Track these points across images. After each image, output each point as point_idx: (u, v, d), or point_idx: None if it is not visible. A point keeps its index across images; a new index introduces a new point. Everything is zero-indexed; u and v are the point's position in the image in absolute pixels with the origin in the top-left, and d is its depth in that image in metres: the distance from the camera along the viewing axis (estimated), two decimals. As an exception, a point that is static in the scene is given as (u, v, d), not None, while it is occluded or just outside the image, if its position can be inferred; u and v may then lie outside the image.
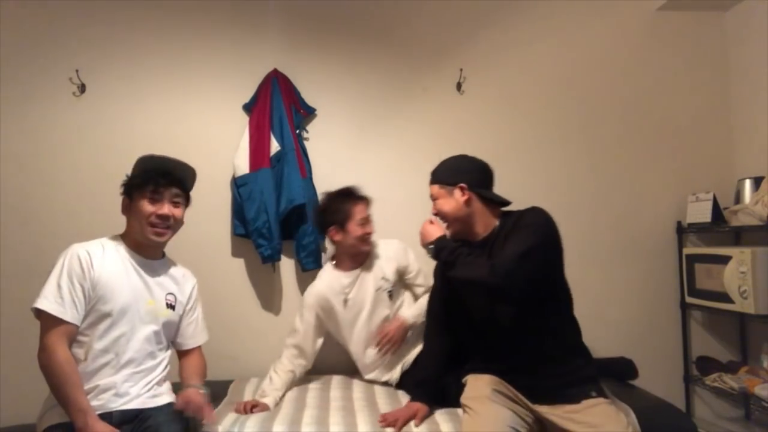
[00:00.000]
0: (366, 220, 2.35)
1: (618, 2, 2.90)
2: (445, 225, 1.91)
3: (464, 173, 1.88)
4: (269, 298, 2.74)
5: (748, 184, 2.63)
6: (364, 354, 2.38)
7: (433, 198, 1.91)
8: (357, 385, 2.36)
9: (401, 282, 2.44)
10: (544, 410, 1.73)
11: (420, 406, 1.92)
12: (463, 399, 1.81)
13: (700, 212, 2.73)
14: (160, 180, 1.80)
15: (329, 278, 2.39)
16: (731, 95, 2.92)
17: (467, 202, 1.84)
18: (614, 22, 2.90)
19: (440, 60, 2.83)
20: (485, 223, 1.86)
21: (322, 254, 2.69)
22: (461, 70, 2.82)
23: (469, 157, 1.94)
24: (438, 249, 1.83)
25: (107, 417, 1.65)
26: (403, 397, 2.17)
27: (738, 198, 2.67)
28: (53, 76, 2.64)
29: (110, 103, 2.67)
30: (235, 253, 2.71)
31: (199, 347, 1.98)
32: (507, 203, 1.91)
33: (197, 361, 1.95)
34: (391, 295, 2.37)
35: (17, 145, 2.62)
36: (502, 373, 1.82)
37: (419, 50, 2.83)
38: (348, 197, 2.36)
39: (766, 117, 2.69)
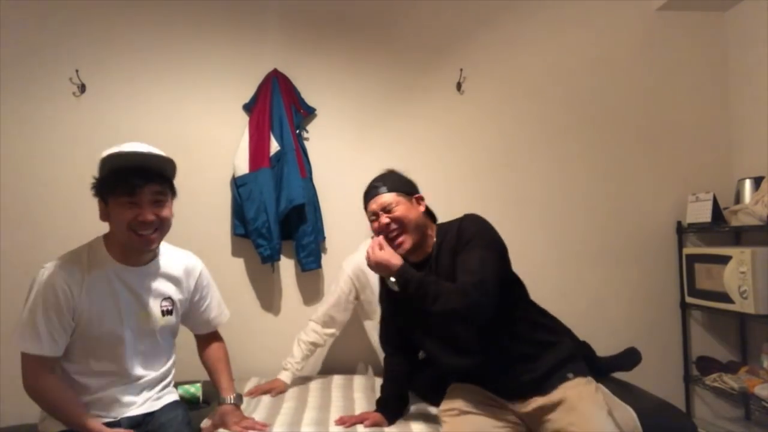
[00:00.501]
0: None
1: (618, 2, 2.90)
2: (399, 236, 1.76)
3: (413, 186, 1.89)
4: (269, 298, 2.74)
5: (748, 184, 2.63)
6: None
7: (388, 208, 1.77)
8: (357, 385, 2.36)
9: None
10: (520, 407, 1.72)
11: (376, 415, 1.88)
12: (439, 411, 1.81)
13: (700, 212, 2.73)
14: (135, 180, 1.56)
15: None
16: (731, 95, 2.92)
17: (422, 214, 1.82)
18: (614, 22, 2.90)
19: (440, 60, 2.83)
20: (430, 236, 1.83)
21: (322, 254, 2.69)
22: (461, 70, 2.82)
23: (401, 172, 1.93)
24: (404, 282, 1.66)
25: (116, 425, 1.63)
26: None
27: (738, 198, 2.67)
28: (53, 76, 2.64)
29: (110, 103, 2.67)
30: (235, 253, 2.71)
31: (217, 333, 1.97)
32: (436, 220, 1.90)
33: (219, 350, 1.93)
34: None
35: (17, 145, 2.62)
36: (476, 379, 1.81)
37: (419, 50, 2.83)
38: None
39: (766, 117, 2.69)
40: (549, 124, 2.87)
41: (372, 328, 2.38)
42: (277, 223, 2.57)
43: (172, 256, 1.79)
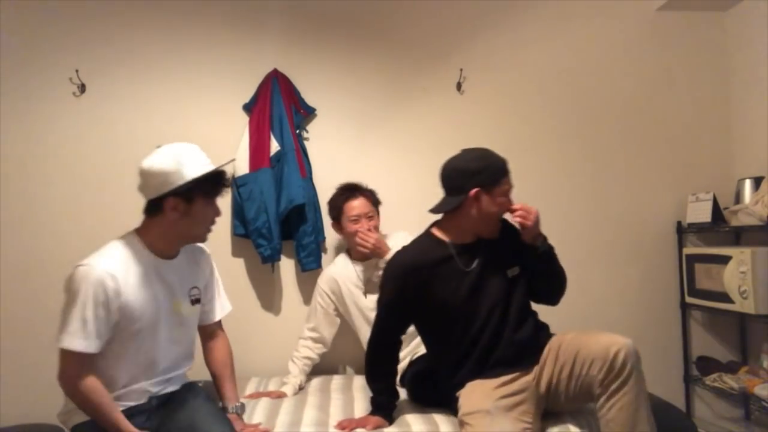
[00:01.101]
0: (360, 217, 2.37)
1: (618, 2, 2.90)
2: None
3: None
4: (269, 298, 2.74)
5: (748, 184, 2.63)
6: None
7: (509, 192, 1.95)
8: (357, 386, 2.36)
9: None
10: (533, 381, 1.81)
11: (379, 419, 1.89)
12: (461, 415, 1.76)
13: (700, 212, 2.73)
14: (225, 182, 1.76)
15: (342, 264, 2.47)
16: (731, 95, 2.92)
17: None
18: (614, 22, 2.90)
19: (440, 60, 2.83)
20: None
21: (322, 254, 2.69)
22: (461, 70, 2.82)
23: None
24: (546, 243, 1.93)
25: (145, 405, 1.69)
26: (405, 398, 2.16)
27: (738, 198, 2.67)
28: (53, 76, 2.64)
29: (110, 103, 2.67)
30: (235, 253, 2.71)
31: (220, 325, 2.00)
32: None
33: (225, 353, 1.96)
34: None
35: (17, 145, 2.62)
36: (493, 365, 1.82)
37: (419, 50, 2.83)
38: (342, 193, 2.42)
39: (766, 117, 2.69)
40: (549, 124, 2.87)
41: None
42: (277, 223, 2.57)
43: (186, 248, 1.83)
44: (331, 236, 2.73)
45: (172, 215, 1.65)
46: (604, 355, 1.67)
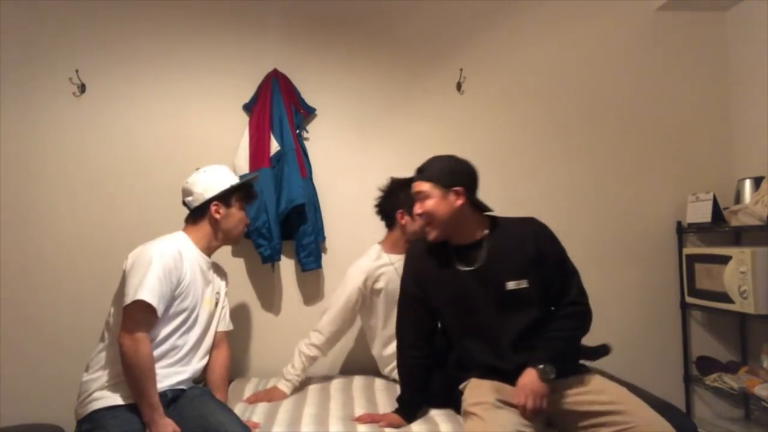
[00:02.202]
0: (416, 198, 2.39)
1: (618, 2, 2.90)
2: (427, 226, 1.85)
3: (460, 176, 1.84)
4: (269, 298, 2.74)
5: (748, 184, 2.63)
6: (387, 347, 2.35)
7: (421, 196, 1.83)
8: (357, 386, 2.36)
9: None
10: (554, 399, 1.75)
11: (396, 417, 1.89)
12: (467, 406, 1.75)
13: (700, 212, 2.73)
14: (253, 192, 2.14)
15: (376, 255, 2.35)
16: (731, 95, 2.92)
17: (460, 207, 1.82)
18: (614, 22, 2.90)
19: (440, 60, 2.83)
20: (473, 229, 1.86)
21: (322, 254, 2.69)
22: (461, 70, 2.82)
23: (461, 159, 1.89)
24: (555, 364, 1.74)
25: (162, 395, 1.78)
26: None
27: (738, 198, 2.67)
28: (53, 76, 2.64)
29: (110, 103, 2.67)
30: (235, 253, 2.71)
31: (226, 337, 2.12)
32: (490, 210, 1.92)
33: (224, 366, 2.05)
34: None
35: (17, 145, 2.62)
36: (504, 374, 1.80)
37: (419, 50, 2.83)
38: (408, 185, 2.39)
39: (766, 117, 2.69)
40: (549, 124, 2.87)
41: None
42: (277, 223, 2.57)
43: (214, 263, 2.11)
44: (331, 236, 2.73)
45: (215, 217, 1.99)
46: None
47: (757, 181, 2.59)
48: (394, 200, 2.34)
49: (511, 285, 1.80)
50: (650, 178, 2.90)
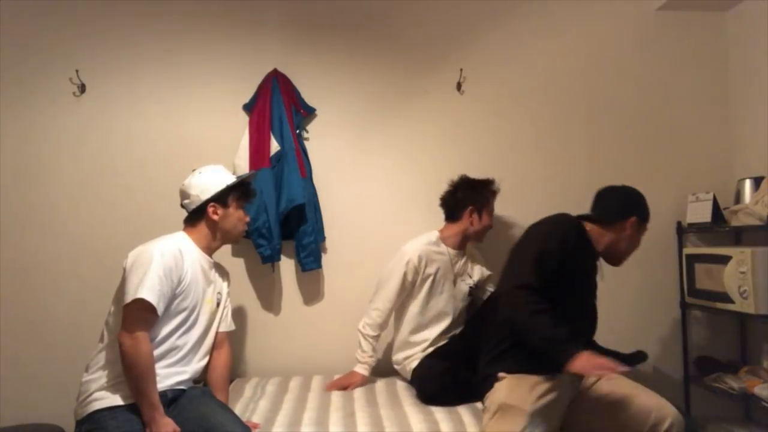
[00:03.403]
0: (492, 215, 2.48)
1: (618, 2, 2.90)
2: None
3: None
4: (269, 298, 2.74)
5: (748, 184, 2.62)
6: (416, 333, 2.37)
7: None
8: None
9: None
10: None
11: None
12: (500, 402, 1.77)
13: (700, 212, 2.72)
14: (251, 191, 2.12)
15: (435, 241, 2.43)
16: (731, 95, 2.92)
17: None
18: (614, 22, 2.90)
19: (440, 60, 2.83)
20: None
21: (322, 254, 2.69)
22: (461, 70, 2.82)
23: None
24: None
25: (162, 395, 1.77)
26: (405, 398, 2.17)
27: (738, 198, 2.67)
28: (53, 76, 2.64)
29: (110, 103, 2.68)
30: (235, 253, 2.71)
31: (227, 338, 2.11)
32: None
33: (225, 367, 2.05)
34: (471, 291, 2.46)
35: (17, 145, 2.63)
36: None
37: (419, 50, 2.82)
38: (492, 189, 2.47)
39: (766, 117, 2.69)
40: (549, 124, 2.87)
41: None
42: (277, 223, 2.57)
43: (216, 263, 2.10)
44: (331, 236, 2.73)
45: (213, 218, 1.98)
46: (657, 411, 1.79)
47: (757, 181, 2.59)
48: (467, 196, 2.42)
49: (598, 279, 2.11)
50: (650, 178, 2.88)
